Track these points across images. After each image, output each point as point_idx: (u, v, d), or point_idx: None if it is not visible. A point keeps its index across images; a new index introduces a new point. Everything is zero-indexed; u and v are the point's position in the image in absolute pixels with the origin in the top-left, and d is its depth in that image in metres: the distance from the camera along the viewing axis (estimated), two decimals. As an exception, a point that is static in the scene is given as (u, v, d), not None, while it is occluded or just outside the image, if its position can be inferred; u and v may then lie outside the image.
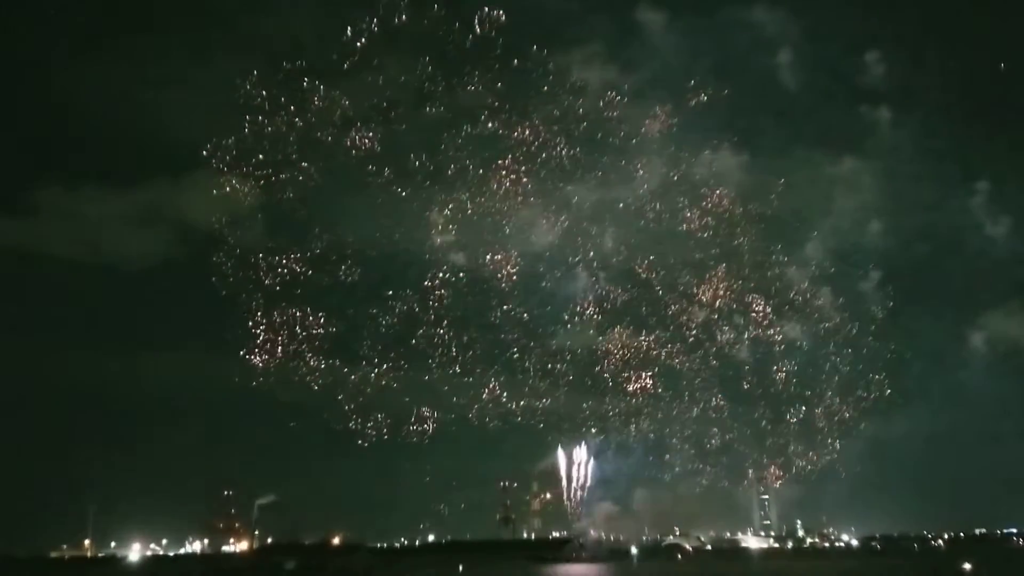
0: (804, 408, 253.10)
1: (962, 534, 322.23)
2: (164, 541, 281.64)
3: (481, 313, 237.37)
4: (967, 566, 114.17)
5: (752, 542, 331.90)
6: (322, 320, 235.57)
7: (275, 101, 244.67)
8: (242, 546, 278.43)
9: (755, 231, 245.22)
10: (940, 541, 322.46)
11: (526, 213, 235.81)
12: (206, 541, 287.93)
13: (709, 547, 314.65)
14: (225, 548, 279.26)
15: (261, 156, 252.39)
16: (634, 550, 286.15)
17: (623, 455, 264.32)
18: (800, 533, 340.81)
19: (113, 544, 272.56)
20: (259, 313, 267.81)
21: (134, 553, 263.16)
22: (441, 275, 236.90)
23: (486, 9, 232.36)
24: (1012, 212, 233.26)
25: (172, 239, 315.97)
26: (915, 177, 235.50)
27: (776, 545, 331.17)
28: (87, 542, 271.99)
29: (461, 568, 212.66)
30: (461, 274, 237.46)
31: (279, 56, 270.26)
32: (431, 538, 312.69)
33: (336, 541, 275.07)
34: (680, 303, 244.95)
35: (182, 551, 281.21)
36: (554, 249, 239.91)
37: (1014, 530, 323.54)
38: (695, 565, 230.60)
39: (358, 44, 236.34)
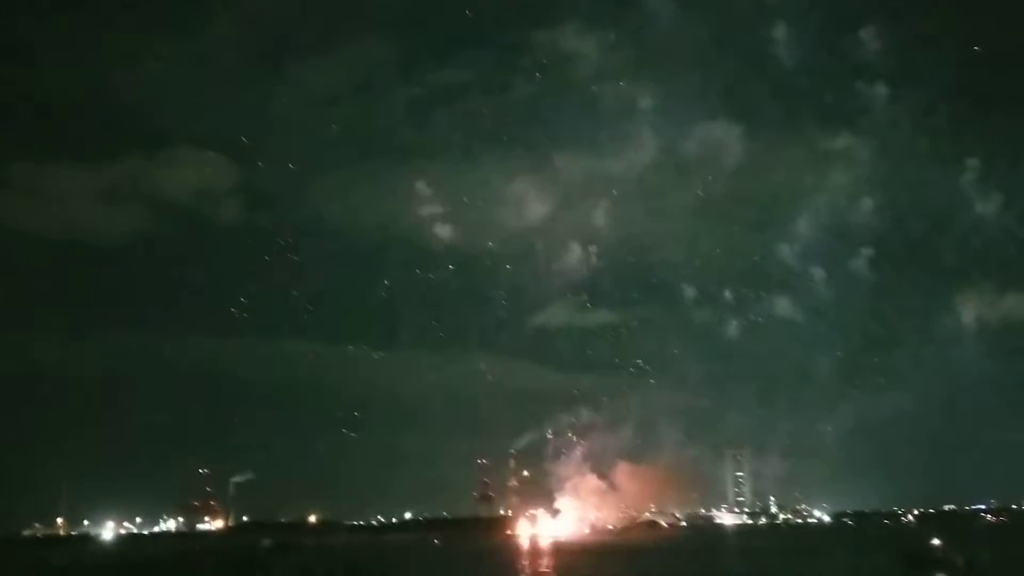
0: (791, 386, 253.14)
1: (931, 510, 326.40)
2: (138, 519, 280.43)
3: (469, 290, 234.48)
4: (936, 542, 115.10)
5: (727, 518, 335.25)
6: (304, 299, 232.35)
7: (255, 75, 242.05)
8: (217, 524, 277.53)
9: (748, 207, 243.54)
10: (911, 517, 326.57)
11: (516, 187, 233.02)
12: (181, 519, 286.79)
13: (684, 523, 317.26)
14: (200, 526, 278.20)
15: (240, 131, 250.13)
16: (611, 526, 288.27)
17: (609, 432, 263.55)
18: (773, 509, 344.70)
19: (86, 522, 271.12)
20: (238, 293, 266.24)
21: (107, 531, 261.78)
22: (427, 251, 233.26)
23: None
24: (1003, 189, 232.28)
25: (146, 216, 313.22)
26: (909, 154, 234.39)
27: (750, 521, 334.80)
28: (60, 521, 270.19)
29: (436, 541, 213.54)
30: (449, 255, 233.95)
31: (260, 30, 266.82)
32: (408, 516, 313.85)
33: (312, 519, 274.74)
34: (671, 280, 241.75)
35: (156, 529, 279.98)
36: (545, 224, 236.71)
37: (983, 507, 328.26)
38: (666, 539, 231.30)
39: (342, 19, 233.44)
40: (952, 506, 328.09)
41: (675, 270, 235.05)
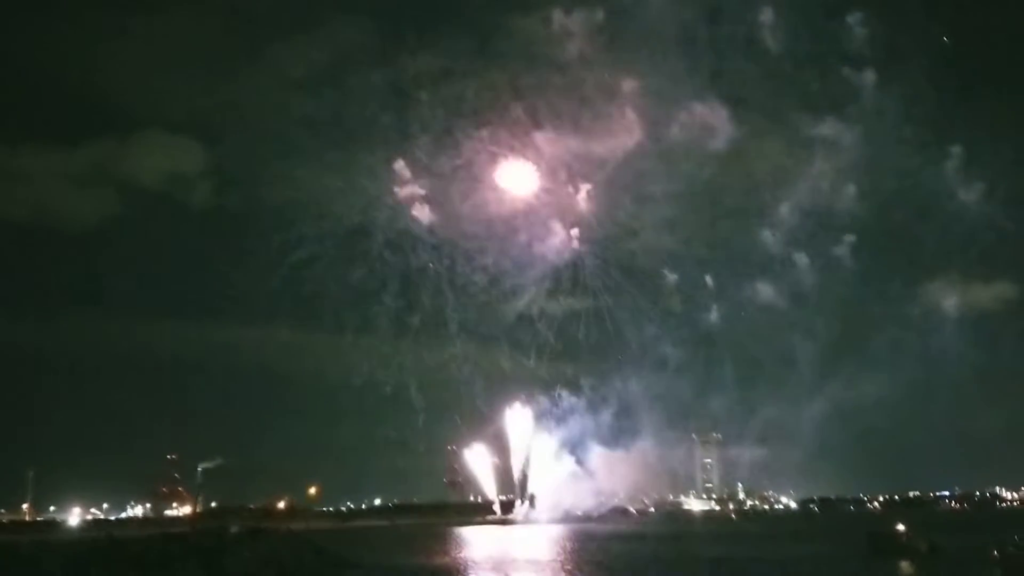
0: (770, 373, 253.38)
1: (896, 497, 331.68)
2: (105, 505, 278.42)
3: (448, 274, 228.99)
4: (901, 527, 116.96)
5: (695, 505, 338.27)
6: (277, 284, 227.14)
7: (228, 57, 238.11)
8: (185, 510, 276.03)
9: (731, 192, 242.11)
10: (876, 503, 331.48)
11: (497, 170, 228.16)
12: (148, 505, 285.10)
13: (652, 509, 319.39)
14: (168, 513, 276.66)
15: (212, 114, 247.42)
16: (579, 512, 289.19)
17: (586, 418, 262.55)
18: (741, 496, 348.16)
19: (52, 508, 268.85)
20: (209, 278, 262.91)
21: (74, 517, 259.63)
22: (406, 235, 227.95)
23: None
24: (984, 178, 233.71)
25: (116, 199, 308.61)
26: (892, 141, 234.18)
27: (717, 508, 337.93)
28: (26, 507, 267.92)
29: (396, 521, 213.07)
30: (429, 238, 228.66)
31: (233, 12, 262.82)
32: (378, 502, 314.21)
33: (281, 505, 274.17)
34: (653, 265, 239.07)
35: (123, 515, 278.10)
36: (527, 207, 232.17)
37: (946, 493, 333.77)
38: (636, 528, 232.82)
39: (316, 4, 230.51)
40: (916, 492, 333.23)
41: (657, 255, 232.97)
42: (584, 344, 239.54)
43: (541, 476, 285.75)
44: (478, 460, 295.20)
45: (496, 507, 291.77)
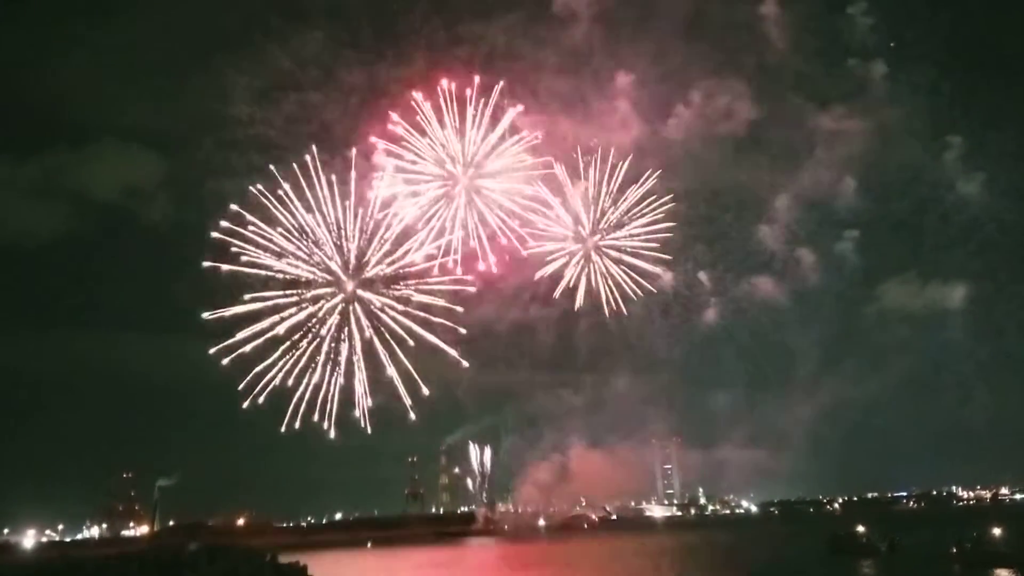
0: (761, 376, 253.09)
1: (855, 498, 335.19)
2: (60, 527, 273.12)
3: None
4: (860, 528, 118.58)
5: (656, 511, 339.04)
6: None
7: (185, 67, 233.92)
8: (142, 530, 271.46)
9: (731, 188, 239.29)
10: (835, 505, 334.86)
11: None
12: (104, 525, 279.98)
13: (615, 517, 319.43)
14: (125, 532, 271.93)
15: (169, 125, 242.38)
16: (542, 522, 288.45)
17: (576, 418, 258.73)
18: (702, 501, 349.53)
19: (6, 531, 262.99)
20: (166, 292, 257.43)
21: (28, 540, 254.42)
22: (374, 233, 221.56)
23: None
24: (985, 168, 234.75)
25: (71, 212, 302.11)
26: (893, 132, 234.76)
27: (679, 513, 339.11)
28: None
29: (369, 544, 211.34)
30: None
31: (190, 22, 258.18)
32: (338, 516, 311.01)
33: (241, 522, 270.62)
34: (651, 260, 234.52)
35: (80, 536, 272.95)
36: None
37: (904, 494, 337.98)
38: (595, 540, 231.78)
39: (271, 12, 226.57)
40: (875, 494, 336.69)
41: (653, 251, 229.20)
42: (581, 345, 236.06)
43: (522, 483, 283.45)
44: (451, 469, 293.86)
45: (479, 516, 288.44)
